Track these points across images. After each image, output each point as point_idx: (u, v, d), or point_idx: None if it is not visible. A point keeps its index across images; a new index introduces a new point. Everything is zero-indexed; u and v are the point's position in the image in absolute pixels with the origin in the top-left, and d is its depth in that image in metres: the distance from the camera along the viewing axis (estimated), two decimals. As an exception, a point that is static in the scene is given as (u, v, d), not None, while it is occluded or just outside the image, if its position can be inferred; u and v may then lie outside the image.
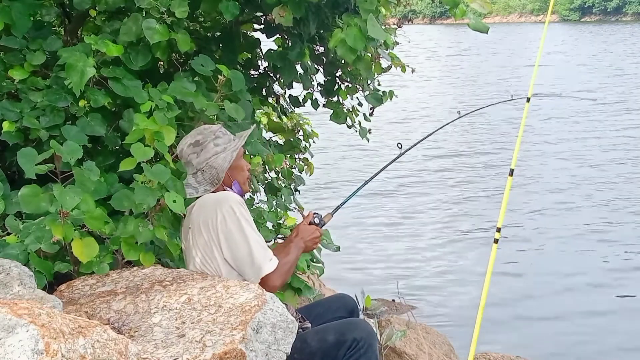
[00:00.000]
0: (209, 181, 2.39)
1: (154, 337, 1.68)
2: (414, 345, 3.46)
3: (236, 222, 2.25)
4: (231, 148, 2.41)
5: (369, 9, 2.87)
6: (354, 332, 2.26)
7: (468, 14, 2.93)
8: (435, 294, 5.94)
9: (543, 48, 3.72)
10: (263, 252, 2.26)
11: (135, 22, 2.68)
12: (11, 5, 2.56)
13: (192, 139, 2.43)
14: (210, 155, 2.38)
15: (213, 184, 2.39)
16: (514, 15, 74.39)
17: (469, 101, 17.71)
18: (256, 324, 1.71)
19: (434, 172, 10.89)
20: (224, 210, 2.26)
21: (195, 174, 2.41)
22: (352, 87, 4.09)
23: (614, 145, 12.32)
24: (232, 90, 2.84)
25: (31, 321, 1.28)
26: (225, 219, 2.25)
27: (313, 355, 2.24)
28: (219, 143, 2.41)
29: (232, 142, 2.44)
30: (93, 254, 2.20)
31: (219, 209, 2.27)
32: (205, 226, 2.30)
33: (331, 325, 2.36)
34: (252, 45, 3.78)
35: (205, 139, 2.41)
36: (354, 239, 7.50)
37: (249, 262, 2.25)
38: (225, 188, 2.42)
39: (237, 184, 2.45)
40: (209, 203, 2.34)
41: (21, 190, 2.17)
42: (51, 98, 2.54)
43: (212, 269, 2.30)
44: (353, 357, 2.23)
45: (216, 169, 2.38)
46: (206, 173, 2.39)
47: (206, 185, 2.39)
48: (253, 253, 2.24)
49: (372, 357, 2.26)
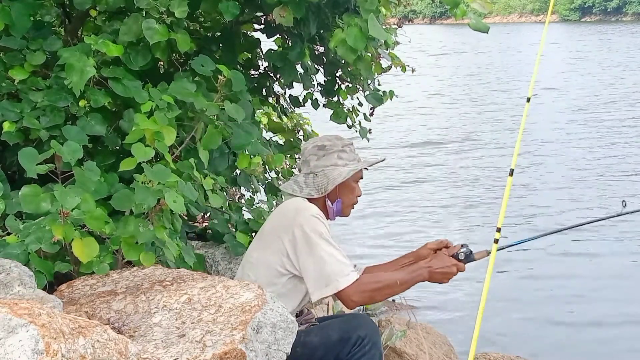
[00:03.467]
0: (317, 187, 2.36)
1: (154, 337, 1.68)
2: (414, 345, 3.46)
3: (311, 235, 2.21)
4: (352, 167, 2.37)
5: (369, 9, 2.87)
6: (358, 329, 2.24)
7: (468, 14, 2.93)
8: (436, 293, 5.93)
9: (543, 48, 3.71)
10: (339, 266, 2.19)
11: (135, 22, 2.68)
12: (11, 5, 2.56)
13: (321, 142, 2.41)
14: (329, 164, 2.36)
15: (319, 192, 2.36)
16: (514, 15, 74.40)
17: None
18: (256, 324, 1.71)
19: (434, 172, 10.89)
20: (302, 220, 2.23)
21: (307, 175, 2.39)
22: (352, 87, 4.09)
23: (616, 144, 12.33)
24: (232, 91, 2.84)
25: (31, 321, 1.28)
26: (302, 229, 2.22)
27: (316, 350, 2.23)
28: (343, 157, 2.38)
29: (354, 162, 2.40)
30: (93, 254, 2.20)
31: (298, 218, 2.24)
32: (277, 232, 2.28)
33: (335, 321, 2.35)
34: (252, 45, 3.78)
35: (332, 148, 2.39)
36: (354, 239, 7.50)
37: (315, 277, 2.19)
38: (326, 201, 2.39)
39: (339, 202, 2.41)
40: (290, 209, 2.32)
41: (21, 190, 2.17)
42: (51, 98, 2.54)
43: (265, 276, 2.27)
44: (358, 355, 2.22)
45: (329, 178, 2.35)
46: (318, 179, 2.36)
47: (311, 190, 2.37)
48: (325, 267, 2.18)
49: (377, 354, 2.25)
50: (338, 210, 2.42)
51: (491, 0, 3.09)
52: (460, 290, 5.99)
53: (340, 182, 2.35)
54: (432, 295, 5.90)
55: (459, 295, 5.89)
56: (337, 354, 2.23)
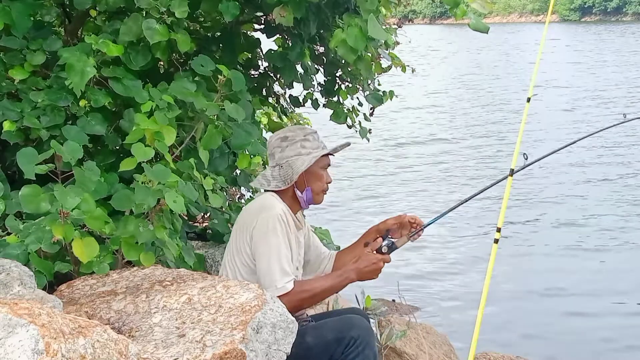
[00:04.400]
0: (283, 179, 2.37)
1: (154, 337, 1.68)
2: (414, 345, 3.45)
3: (266, 235, 2.24)
4: (314, 154, 2.38)
5: (369, 9, 2.87)
6: (351, 330, 2.26)
7: (468, 14, 2.93)
8: (436, 294, 5.94)
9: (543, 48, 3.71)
10: (280, 274, 2.23)
11: (136, 22, 2.68)
12: (11, 5, 2.56)
13: (283, 134, 2.42)
14: (293, 154, 2.36)
15: (285, 183, 2.37)
16: (514, 15, 74.38)
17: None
18: (256, 324, 1.71)
19: (434, 171, 10.88)
20: (261, 218, 2.26)
21: (274, 168, 2.40)
22: (352, 87, 4.09)
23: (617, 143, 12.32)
24: (232, 91, 2.84)
25: (31, 321, 1.28)
26: (259, 228, 2.26)
27: (310, 351, 2.23)
28: (306, 146, 2.38)
29: (318, 150, 2.40)
30: (93, 254, 2.20)
31: (259, 216, 2.27)
32: (242, 229, 2.32)
33: (329, 322, 2.36)
34: (252, 45, 3.78)
35: (295, 138, 2.39)
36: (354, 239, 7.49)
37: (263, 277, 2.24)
38: (296, 191, 2.40)
39: (309, 191, 2.40)
40: (254, 208, 2.35)
41: (21, 190, 2.17)
42: (52, 97, 2.54)
43: (233, 272, 2.32)
44: (351, 355, 2.23)
45: (293, 168, 2.36)
46: (283, 170, 2.37)
47: (278, 182, 2.38)
48: (266, 275, 2.23)
49: (370, 354, 2.26)
50: (309, 199, 2.42)
51: (491, 0, 3.09)
52: (461, 290, 5.99)
53: (304, 170, 2.36)
54: (432, 295, 5.90)
55: (459, 295, 5.89)
56: (331, 355, 2.23)
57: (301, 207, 2.45)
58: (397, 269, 6.62)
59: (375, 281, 2.47)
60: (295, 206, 2.42)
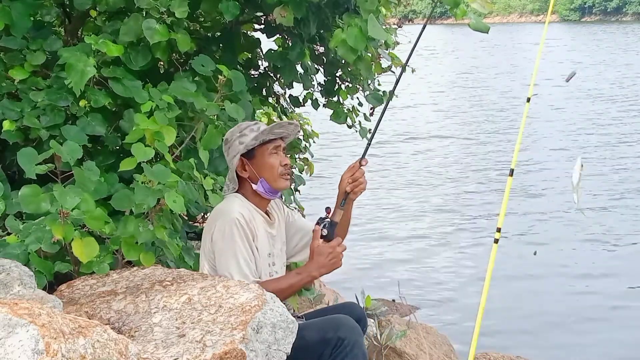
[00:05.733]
0: (230, 180, 2.36)
1: (154, 337, 1.68)
2: (414, 345, 3.45)
3: (223, 240, 2.24)
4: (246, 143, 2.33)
5: (369, 9, 2.87)
6: (337, 330, 2.20)
7: (469, 14, 2.93)
8: (436, 294, 5.94)
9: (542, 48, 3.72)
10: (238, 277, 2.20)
11: (136, 22, 2.69)
12: (11, 5, 2.57)
13: (224, 137, 2.39)
14: (233, 154, 2.35)
15: (234, 183, 2.36)
16: (514, 15, 74.37)
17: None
18: (256, 324, 1.71)
19: (434, 171, 10.88)
20: (218, 224, 2.26)
21: (229, 171, 2.38)
22: (352, 87, 4.09)
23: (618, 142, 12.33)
24: (232, 91, 2.84)
25: (31, 321, 1.28)
26: (217, 233, 2.26)
27: (296, 351, 2.19)
28: (244, 141, 2.34)
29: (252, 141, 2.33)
30: (93, 254, 2.20)
31: (216, 222, 2.27)
32: (206, 232, 2.32)
33: (314, 322, 2.31)
34: (252, 45, 3.79)
35: (232, 136, 2.36)
36: (354, 239, 7.49)
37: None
38: (251, 185, 2.35)
39: (263, 181, 2.34)
40: (214, 212, 2.34)
41: (21, 190, 2.17)
42: (52, 97, 2.54)
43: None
44: (340, 356, 2.17)
45: (231, 169, 2.35)
46: (230, 172, 2.36)
47: (232, 184, 2.37)
48: (230, 274, 2.22)
49: (359, 354, 2.20)
50: (267, 188, 2.35)
51: (491, 0, 3.09)
52: (461, 290, 6.00)
53: (237, 165, 2.32)
54: (433, 295, 5.90)
55: (459, 295, 5.89)
56: (319, 356, 2.20)
57: (269, 199, 2.40)
58: (397, 269, 6.64)
59: (376, 281, 2.46)
60: (262, 201, 2.37)
